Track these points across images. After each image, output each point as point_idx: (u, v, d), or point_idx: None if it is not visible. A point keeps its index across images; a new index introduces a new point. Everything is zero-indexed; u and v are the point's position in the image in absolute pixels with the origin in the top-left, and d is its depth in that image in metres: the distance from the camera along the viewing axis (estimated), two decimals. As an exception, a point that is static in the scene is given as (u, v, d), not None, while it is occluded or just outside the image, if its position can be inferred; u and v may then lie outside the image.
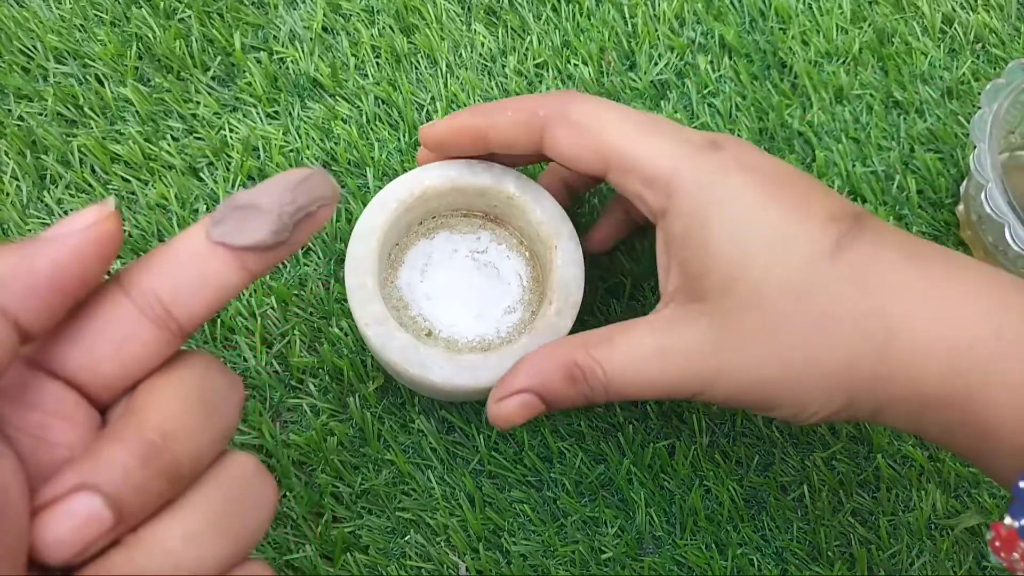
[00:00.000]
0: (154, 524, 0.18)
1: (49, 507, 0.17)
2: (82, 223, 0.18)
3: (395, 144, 0.42)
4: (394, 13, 0.44)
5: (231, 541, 0.19)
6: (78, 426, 0.19)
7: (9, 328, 0.17)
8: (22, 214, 0.39)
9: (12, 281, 0.17)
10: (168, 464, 0.18)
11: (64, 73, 0.42)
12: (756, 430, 0.39)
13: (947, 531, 0.38)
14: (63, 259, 0.18)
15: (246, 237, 0.19)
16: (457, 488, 0.37)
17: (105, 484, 0.17)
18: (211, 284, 0.20)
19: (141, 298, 0.19)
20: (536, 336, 0.31)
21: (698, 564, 0.37)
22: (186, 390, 0.19)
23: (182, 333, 0.20)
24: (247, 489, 0.20)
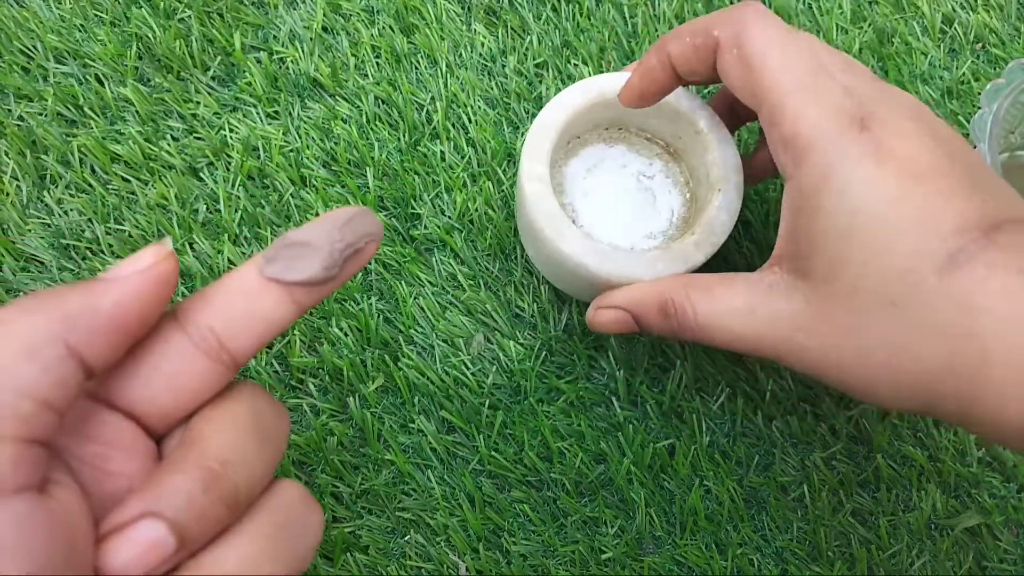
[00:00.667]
0: (211, 551, 0.19)
1: (116, 533, 0.18)
2: (142, 264, 0.19)
3: (395, 144, 0.42)
4: (394, 13, 0.44)
5: (282, 567, 0.19)
6: (136, 456, 0.20)
7: (75, 365, 0.18)
8: (22, 214, 0.39)
9: (78, 320, 0.18)
10: (227, 491, 0.19)
11: (64, 73, 0.42)
12: (756, 430, 0.39)
13: (947, 531, 0.38)
14: (125, 299, 0.19)
15: (297, 273, 0.20)
16: (457, 488, 0.37)
17: (168, 511, 0.18)
18: (263, 318, 0.21)
19: (196, 332, 0.20)
20: (668, 256, 0.33)
21: (698, 564, 0.37)
22: (240, 420, 0.20)
23: (234, 365, 0.21)
24: (295, 516, 0.20)
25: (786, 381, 0.40)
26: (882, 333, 0.23)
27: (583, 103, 0.35)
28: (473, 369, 0.39)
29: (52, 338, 0.17)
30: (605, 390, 0.39)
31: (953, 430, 0.40)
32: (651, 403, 0.39)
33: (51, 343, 0.17)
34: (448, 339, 0.39)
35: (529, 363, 0.39)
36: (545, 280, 0.40)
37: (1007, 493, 0.39)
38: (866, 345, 0.24)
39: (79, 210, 0.40)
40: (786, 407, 0.39)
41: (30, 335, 0.17)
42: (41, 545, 0.17)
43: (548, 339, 0.39)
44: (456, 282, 0.40)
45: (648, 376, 0.39)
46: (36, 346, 0.17)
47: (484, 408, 0.38)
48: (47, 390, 0.17)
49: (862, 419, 0.39)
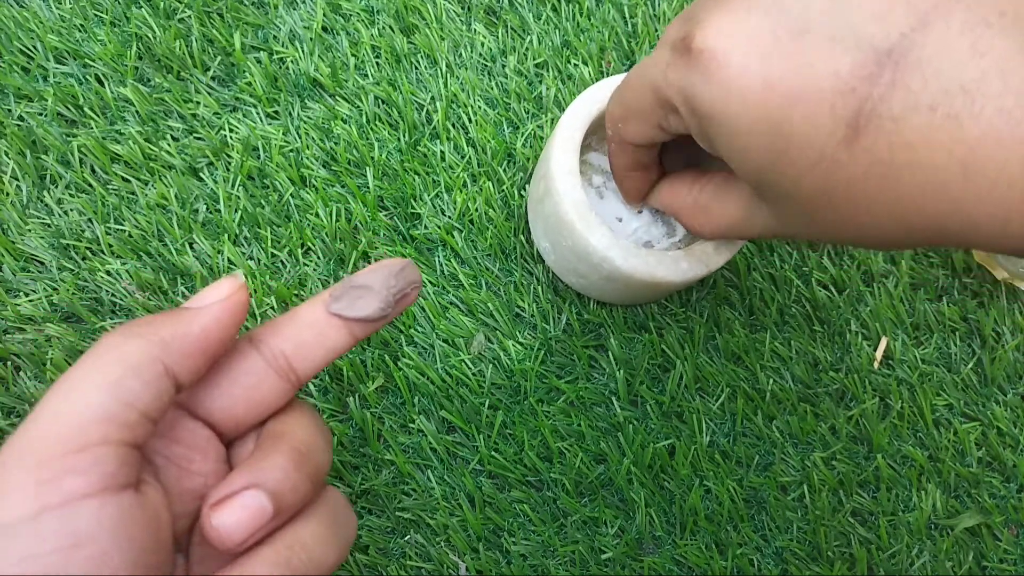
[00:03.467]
0: (292, 526, 0.22)
1: (224, 501, 0.21)
2: (222, 294, 0.23)
3: (395, 144, 0.42)
4: (394, 13, 0.44)
5: (339, 549, 0.23)
6: (211, 459, 0.23)
7: (170, 383, 0.21)
8: (22, 214, 0.39)
9: (172, 345, 0.21)
10: (312, 470, 0.23)
11: (64, 73, 0.42)
12: (756, 430, 0.39)
13: (947, 531, 0.38)
14: (210, 325, 0.22)
15: (358, 311, 0.24)
16: (457, 488, 0.37)
17: (268, 483, 0.21)
18: (326, 347, 0.24)
19: (269, 353, 0.24)
20: (690, 256, 0.34)
21: (698, 564, 0.37)
22: (311, 421, 0.25)
23: (298, 384, 0.24)
24: (342, 511, 0.24)
25: (786, 381, 0.40)
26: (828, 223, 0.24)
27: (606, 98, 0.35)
28: (473, 369, 0.38)
29: (152, 359, 0.21)
30: (605, 390, 0.39)
31: (953, 430, 0.40)
32: (651, 403, 0.39)
33: (151, 364, 0.21)
34: (448, 339, 0.39)
35: (529, 363, 0.39)
36: (545, 280, 0.40)
37: (1007, 493, 0.39)
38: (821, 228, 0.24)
39: (79, 210, 0.40)
40: (786, 407, 0.39)
41: (134, 357, 0.21)
42: (140, 534, 0.20)
43: (548, 339, 0.39)
44: (456, 282, 0.40)
45: (648, 376, 0.39)
46: (139, 366, 0.20)
47: (484, 408, 0.38)
48: (147, 403, 0.20)
49: (862, 419, 0.39)
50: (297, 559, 0.22)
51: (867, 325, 0.41)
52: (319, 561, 0.22)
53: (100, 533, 0.19)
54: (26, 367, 0.37)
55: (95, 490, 0.19)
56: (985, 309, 0.42)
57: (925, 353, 0.41)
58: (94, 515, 0.19)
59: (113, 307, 0.38)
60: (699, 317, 0.40)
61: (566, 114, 0.35)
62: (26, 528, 0.18)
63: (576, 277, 0.37)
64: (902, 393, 0.40)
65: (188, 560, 0.23)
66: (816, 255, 0.42)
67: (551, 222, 0.35)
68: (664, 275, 0.33)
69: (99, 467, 0.19)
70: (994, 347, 0.41)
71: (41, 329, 0.37)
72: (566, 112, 0.35)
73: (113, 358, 0.20)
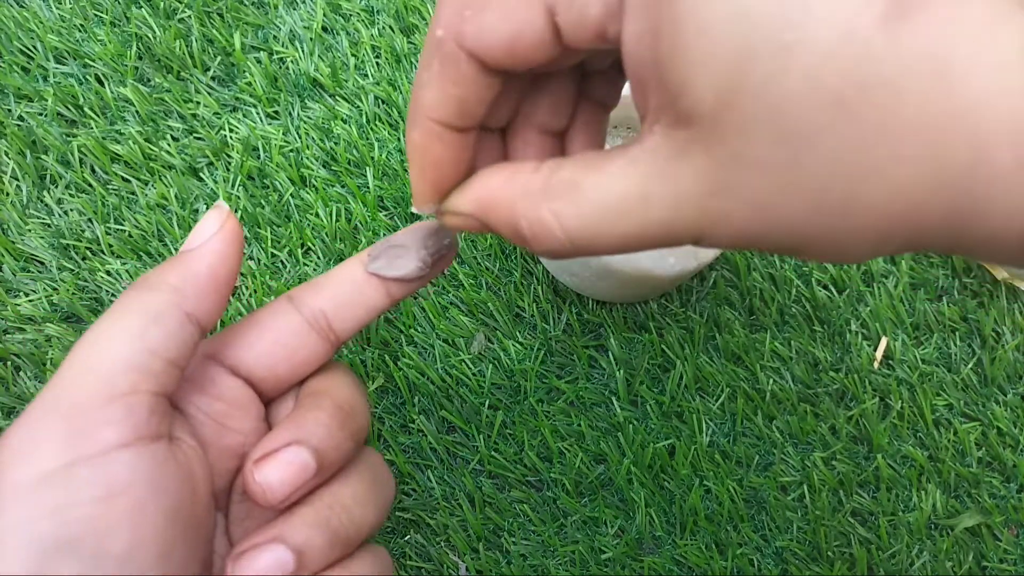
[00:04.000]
0: (331, 486, 0.22)
1: (268, 457, 0.21)
2: (213, 227, 0.22)
3: (395, 144, 0.42)
4: (394, 13, 0.44)
5: (378, 510, 0.23)
6: (250, 417, 0.23)
7: (192, 327, 0.21)
8: (22, 214, 0.39)
9: (184, 289, 0.21)
10: (354, 429, 0.23)
11: (64, 73, 0.42)
12: (756, 430, 0.39)
13: (947, 531, 0.38)
14: (214, 260, 0.22)
15: (396, 271, 0.24)
16: (457, 488, 0.37)
17: (311, 439, 0.21)
18: (364, 305, 0.24)
19: (309, 313, 0.24)
20: (678, 252, 0.33)
21: (698, 564, 0.37)
22: (351, 381, 0.24)
23: (338, 343, 0.24)
24: (381, 471, 0.24)
25: (786, 381, 0.40)
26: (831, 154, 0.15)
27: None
28: (473, 369, 0.39)
29: (171, 306, 0.21)
30: (605, 390, 0.39)
31: (953, 430, 0.40)
32: (651, 403, 0.39)
33: (171, 311, 0.21)
34: (448, 339, 0.39)
35: (529, 363, 0.39)
36: (545, 280, 0.40)
37: (1007, 493, 0.39)
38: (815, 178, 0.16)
39: (79, 210, 0.40)
40: (786, 407, 0.39)
41: (152, 307, 0.21)
42: (175, 486, 0.20)
43: (548, 339, 0.39)
44: (457, 281, 0.40)
45: (648, 376, 0.39)
46: (160, 315, 0.20)
47: (484, 408, 0.38)
48: (173, 350, 0.20)
49: (862, 419, 0.39)
50: (337, 519, 0.22)
51: (867, 325, 0.41)
52: (359, 522, 0.22)
53: (135, 483, 0.19)
54: (26, 367, 0.37)
55: (128, 440, 0.19)
56: (985, 309, 0.42)
57: (925, 353, 0.41)
58: (128, 465, 0.19)
59: (113, 307, 0.38)
60: (699, 317, 0.40)
61: None
62: (59, 479, 0.18)
63: (569, 275, 0.37)
64: (902, 393, 0.40)
65: (227, 519, 0.23)
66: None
67: None
68: (650, 268, 0.33)
69: (131, 417, 0.19)
70: (994, 347, 0.41)
71: (41, 329, 0.37)
72: None
73: (133, 310, 0.20)
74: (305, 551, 0.21)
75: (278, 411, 0.25)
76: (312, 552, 0.21)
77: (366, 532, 0.23)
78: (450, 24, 0.18)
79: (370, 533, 0.23)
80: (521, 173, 0.20)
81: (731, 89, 0.16)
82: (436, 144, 0.20)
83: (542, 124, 0.23)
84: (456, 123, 0.20)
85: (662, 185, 0.18)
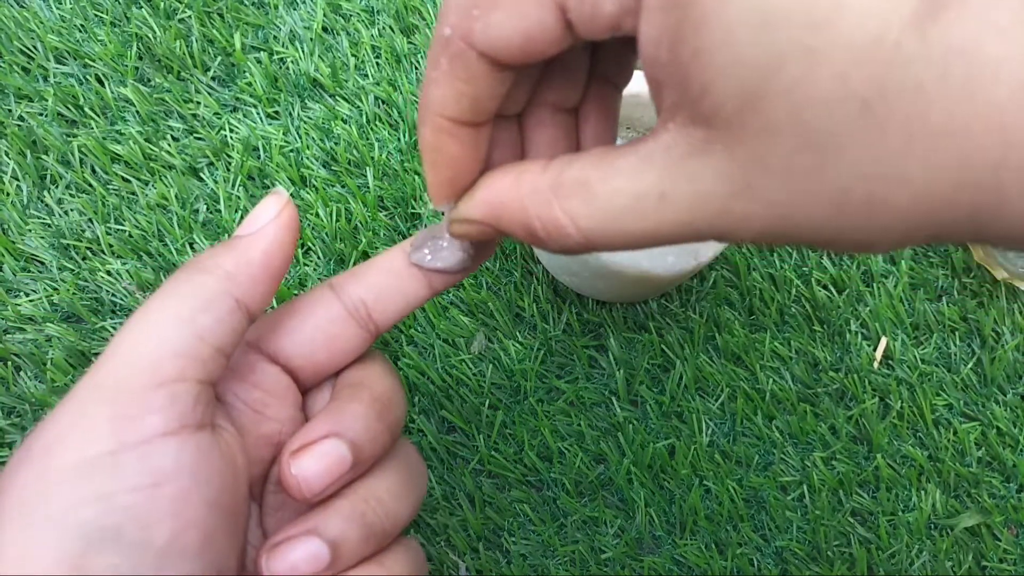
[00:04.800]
0: (367, 479, 0.22)
1: (304, 449, 0.20)
2: (271, 213, 0.22)
3: (395, 144, 0.42)
4: (394, 13, 0.44)
5: (412, 504, 0.23)
6: (288, 405, 0.23)
7: (242, 315, 0.21)
8: (22, 214, 0.39)
9: (237, 275, 0.21)
10: (392, 421, 0.22)
11: (64, 73, 0.42)
12: (756, 430, 0.39)
13: (947, 531, 0.38)
14: (270, 248, 0.21)
15: (438, 262, 0.24)
16: (457, 488, 0.37)
17: (348, 432, 0.21)
18: (404, 296, 0.24)
19: (349, 302, 0.23)
20: (678, 248, 0.33)
21: (698, 564, 0.37)
22: (389, 372, 0.24)
23: (377, 333, 0.24)
24: (416, 464, 0.24)
25: (786, 381, 0.40)
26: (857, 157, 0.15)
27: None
28: (473, 369, 0.39)
29: (222, 293, 0.20)
30: (605, 390, 0.39)
31: (953, 430, 0.40)
32: (651, 403, 0.39)
33: (222, 297, 0.20)
34: (449, 339, 0.39)
35: (529, 363, 0.39)
36: (545, 280, 0.40)
37: (1007, 493, 0.39)
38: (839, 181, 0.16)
39: (79, 210, 0.40)
40: (786, 407, 0.39)
41: (205, 292, 0.20)
42: (218, 475, 0.20)
43: (548, 339, 0.39)
44: (456, 282, 0.40)
45: (648, 376, 0.39)
46: (211, 301, 0.20)
47: (484, 408, 0.38)
48: (221, 337, 0.20)
49: (862, 419, 0.39)
50: (372, 513, 0.21)
51: (867, 325, 0.41)
52: (394, 516, 0.22)
53: (180, 472, 0.19)
54: (26, 367, 0.37)
55: (173, 428, 0.19)
56: (985, 309, 0.42)
57: (925, 353, 0.41)
58: (173, 454, 0.19)
59: (113, 307, 0.38)
60: (699, 317, 0.40)
61: None
62: (104, 465, 0.18)
63: (569, 275, 0.37)
64: (902, 393, 0.40)
65: (261, 509, 0.23)
66: (816, 255, 0.42)
67: None
68: (649, 267, 0.33)
69: (177, 405, 0.19)
70: (994, 347, 0.41)
71: (41, 329, 0.37)
72: None
73: (184, 294, 0.20)
74: (340, 544, 0.21)
75: (315, 401, 0.24)
76: (347, 546, 0.21)
77: (401, 525, 0.22)
78: (458, 22, 0.18)
79: (404, 526, 0.23)
80: (529, 173, 0.20)
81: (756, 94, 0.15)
82: (448, 140, 0.20)
83: (555, 102, 0.22)
84: (469, 119, 0.20)
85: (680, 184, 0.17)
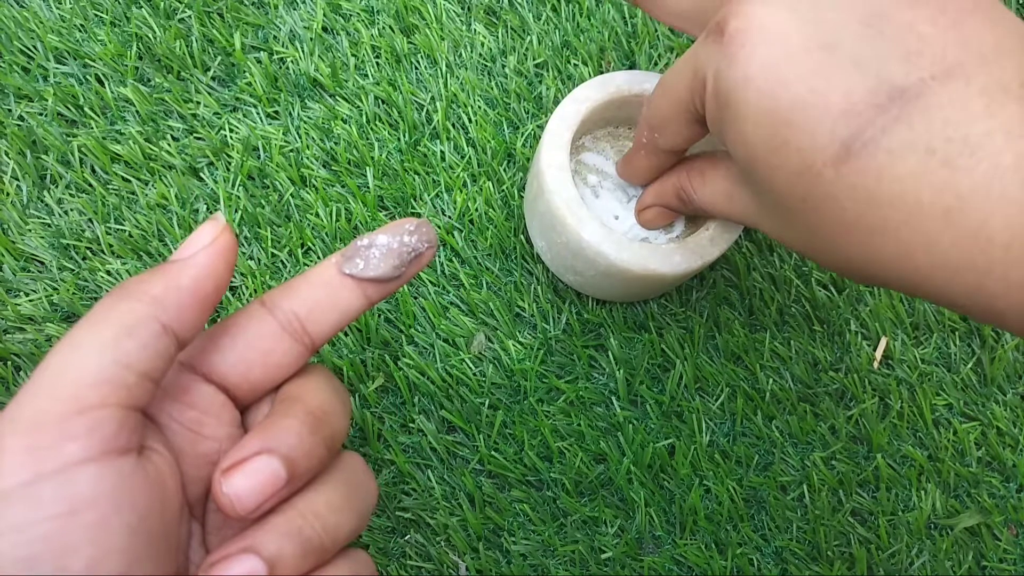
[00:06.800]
0: (305, 493, 0.22)
1: (236, 467, 0.20)
2: (205, 239, 0.22)
3: (395, 144, 0.42)
4: (394, 13, 0.44)
5: (356, 517, 0.23)
6: (225, 423, 0.23)
7: (169, 340, 0.21)
8: (22, 214, 0.39)
9: (165, 301, 0.21)
10: (327, 435, 0.22)
11: (64, 73, 0.42)
12: (756, 430, 0.39)
13: (947, 531, 0.38)
14: (200, 274, 0.21)
15: (370, 271, 0.24)
16: (457, 488, 0.37)
17: (282, 448, 0.21)
18: (339, 308, 0.24)
19: (283, 316, 0.23)
20: (684, 249, 0.34)
21: (698, 564, 0.37)
22: (327, 385, 0.24)
23: (313, 347, 0.24)
24: (361, 478, 0.24)
25: (786, 381, 0.40)
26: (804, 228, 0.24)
27: (601, 98, 0.35)
28: (473, 369, 0.39)
29: (148, 318, 0.20)
30: (605, 390, 0.39)
31: (952, 430, 0.40)
32: (651, 403, 0.39)
33: (147, 323, 0.20)
34: (449, 338, 0.39)
35: (529, 363, 0.39)
36: (546, 280, 0.40)
37: (1007, 493, 0.39)
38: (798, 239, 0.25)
39: (79, 210, 0.40)
40: (786, 407, 0.39)
41: (129, 317, 0.20)
42: (142, 500, 0.19)
43: (548, 339, 0.39)
44: (457, 281, 0.40)
45: (648, 376, 0.39)
46: (135, 326, 0.20)
47: (484, 408, 0.38)
48: (146, 363, 0.20)
49: (862, 419, 0.39)
50: (310, 528, 0.21)
51: (867, 325, 0.41)
52: (334, 531, 0.22)
53: (99, 499, 0.18)
54: (26, 367, 0.37)
55: (94, 455, 0.18)
56: (985, 309, 0.42)
57: (925, 353, 0.41)
58: (92, 481, 0.18)
59: (113, 307, 0.38)
60: (699, 317, 0.40)
61: (556, 112, 0.35)
62: (21, 495, 0.18)
63: (573, 275, 0.37)
64: (902, 393, 0.40)
65: (204, 528, 0.23)
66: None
67: (545, 220, 0.35)
68: (657, 267, 0.33)
69: (98, 431, 0.19)
70: (994, 347, 0.41)
71: (41, 329, 0.37)
72: (556, 110, 0.35)
73: (108, 320, 0.20)
74: (277, 561, 0.20)
75: (254, 417, 0.24)
76: (285, 561, 0.20)
77: (343, 539, 0.22)
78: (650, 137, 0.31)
79: (347, 539, 0.22)
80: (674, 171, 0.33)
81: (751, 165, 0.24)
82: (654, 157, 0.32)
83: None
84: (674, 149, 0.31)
85: (737, 194, 0.28)
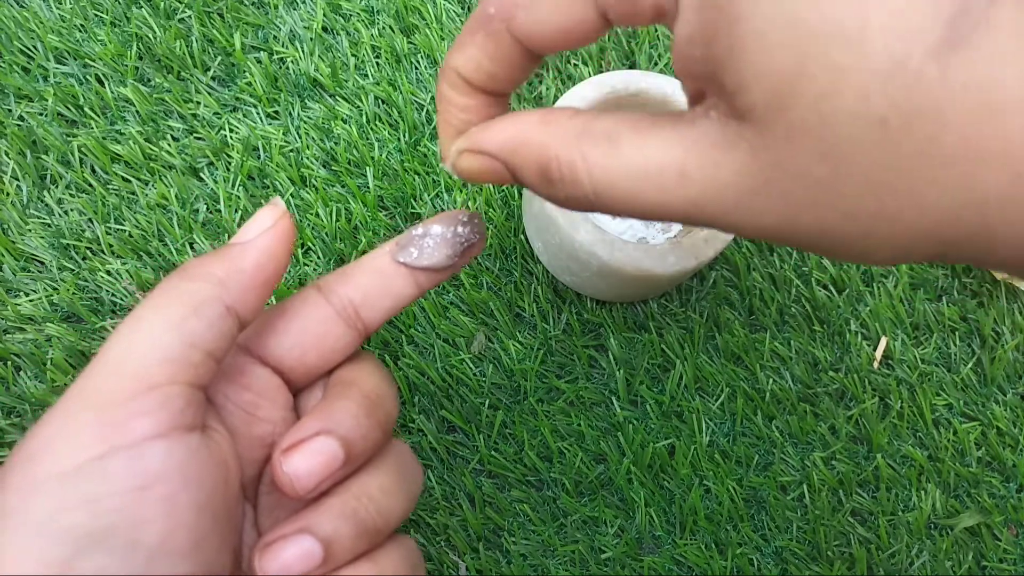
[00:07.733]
0: (359, 476, 0.22)
1: (296, 447, 0.21)
2: (266, 223, 0.22)
3: (395, 144, 0.42)
4: (394, 13, 0.44)
5: (406, 501, 0.23)
6: (279, 406, 0.23)
7: (232, 321, 0.21)
8: (22, 214, 0.39)
9: (228, 282, 0.21)
10: (383, 417, 0.23)
11: (64, 73, 0.42)
12: (756, 430, 0.39)
13: (947, 531, 0.38)
14: (262, 258, 0.22)
15: (424, 260, 0.24)
16: (457, 488, 0.37)
17: (339, 429, 0.21)
18: (392, 295, 0.24)
19: (337, 302, 0.24)
20: (678, 249, 0.33)
21: (698, 564, 0.37)
22: (378, 370, 0.24)
23: (365, 333, 0.24)
24: (409, 463, 0.24)
25: (786, 381, 0.40)
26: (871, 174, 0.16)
27: (596, 97, 0.35)
28: (473, 369, 0.39)
29: (213, 299, 0.21)
30: (605, 390, 0.39)
31: (952, 430, 0.40)
32: (651, 403, 0.39)
33: (212, 303, 0.21)
34: (448, 338, 0.39)
35: (529, 363, 0.39)
36: (545, 280, 0.40)
37: (1007, 493, 0.39)
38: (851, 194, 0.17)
39: (79, 210, 0.40)
40: (786, 407, 0.39)
41: (194, 298, 0.20)
42: (208, 477, 0.20)
43: (548, 339, 0.39)
44: (457, 281, 0.40)
45: (648, 376, 0.39)
46: (201, 306, 0.20)
47: (484, 408, 0.38)
48: (211, 342, 0.20)
49: (862, 419, 0.39)
50: (364, 510, 0.22)
51: (867, 325, 0.41)
52: (387, 513, 0.22)
53: (169, 474, 0.19)
54: (26, 367, 0.37)
55: (163, 431, 0.19)
56: (985, 309, 0.42)
57: (925, 353, 0.41)
58: (162, 456, 0.19)
59: (113, 307, 0.38)
60: (699, 317, 0.40)
61: None
62: (93, 469, 0.18)
63: (569, 275, 0.37)
64: (902, 393, 0.40)
65: (256, 509, 0.23)
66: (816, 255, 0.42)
67: (540, 221, 0.35)
68: (651, 267, 0.33)
69: (167, 408, 0.19)
70: (994, 347, 0.41)
71: (41, 329, 0.37)
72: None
73: (174, 300, 0.20)
74: (333, 542, 0.21)
75: (307, 401, 0.25)
76: (340, 543, 0.21)
77: (394, 523, 0.23)
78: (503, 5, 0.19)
79: (398, 523, 0.23)
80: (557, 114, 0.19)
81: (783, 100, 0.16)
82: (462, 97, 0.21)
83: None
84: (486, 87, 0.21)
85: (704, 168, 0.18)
